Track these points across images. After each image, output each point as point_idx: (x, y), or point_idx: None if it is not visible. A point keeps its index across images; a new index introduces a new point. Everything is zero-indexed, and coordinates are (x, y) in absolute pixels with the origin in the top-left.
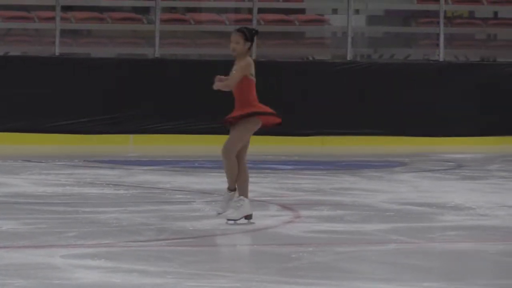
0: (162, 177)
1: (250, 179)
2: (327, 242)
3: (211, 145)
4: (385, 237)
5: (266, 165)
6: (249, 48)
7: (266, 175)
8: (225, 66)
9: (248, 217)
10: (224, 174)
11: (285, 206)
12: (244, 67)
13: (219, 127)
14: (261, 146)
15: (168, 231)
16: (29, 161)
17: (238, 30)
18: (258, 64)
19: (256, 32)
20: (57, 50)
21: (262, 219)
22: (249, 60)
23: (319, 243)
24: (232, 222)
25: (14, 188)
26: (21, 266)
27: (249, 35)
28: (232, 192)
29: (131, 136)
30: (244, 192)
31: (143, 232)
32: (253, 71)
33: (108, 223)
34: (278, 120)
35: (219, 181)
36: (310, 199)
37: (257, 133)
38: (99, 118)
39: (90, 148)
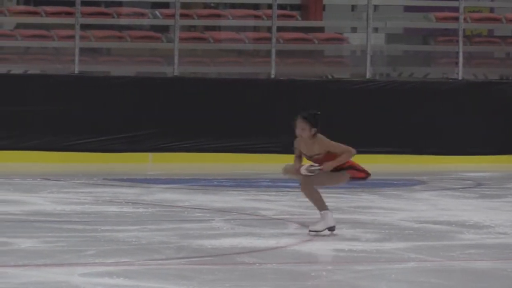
0: (181, 195)
1: (270, 197)
2: (346, 260)
3: (231, 163)
4: (405, 255)
5: (285, 183)
6: (316, 132)
7: (286, 194)
8: (243, 85)
9: (332, 228)
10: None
11: (304, 225)
12: (326, 146)
13: (237, 146)
14: (280, 165)
15: (187, 250)
16: (48, 179)
17: (304, 118)
18: (277, 82)
19: (318, 114)
20: (77, 69)
21: (282, 237)
22: (321, 137)
23: (338, 262)
24: (314, 233)
25: (33, 206)
26: (40, 285)
27: (314, 122)
28: (324, 211)
29: (150, 154)
30: (324, 206)
31: (162, 251)
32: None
33: (127, 242)
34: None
35: (238, 199)
36: None
37: (274, 151)
38: (118, 137)
39: (109, 166)
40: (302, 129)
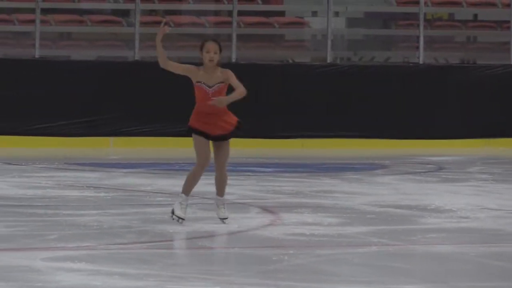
0: (143, 180)
1: (231, 182)
2: (308, 244)
3: (191, 147)
4: (366, 239)
5: (247, 167)
6: None
7: (247, 178)
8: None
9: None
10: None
11: (265, 209)
12: (228, 76)
13: None
14: (241, 149)
15: (149, 234)
16: (9, 163)
17: (215, 41)
18: (238, 66)
19: None
20: (37, 53)
21: (243, 221)
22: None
23: (299, 246)
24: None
25: None
26: (2, 269)
27: (221, 48)
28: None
29: (111, 138)
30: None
31: (124, 235)
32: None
33: (88, 226)
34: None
35: (199, 183)
36: (290, 202)
37: (237, 136)
38: (79, 121)
39: (71, 150)
40: (215, 53)
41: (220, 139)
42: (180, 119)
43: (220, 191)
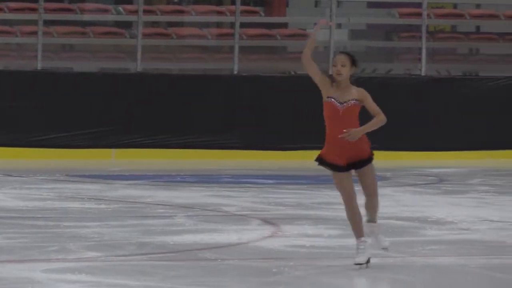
0: (144, 192)
1: (232, 193)
2: (308, 256)
3: (193, 159)
4: None
5: (248, 179)
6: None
7: (247, 189)
8: (206, 81)
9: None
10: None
11: (266, 221)
12: (364, 96)
13: (200, 142)
14: (242, 161)
15: (150, 246)
16: (10, 175)
17: (344, 53)
18: (240, 78)
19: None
20: (39, 65)
21: (243, 233)
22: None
23: (300, 258)
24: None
25: None
26: (1, 281)
27: (355, 60)
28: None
29: (113, 150)
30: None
31: (124, 247)
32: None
33: (89, 238)
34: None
35: (200, 195)
36: (291, 214)
37: (236, 147)
38: (81, 133)
39: (72, 162)
40: (342, 65)
41: (361, 166)
42: (181, 131)
43: (373, 216)
